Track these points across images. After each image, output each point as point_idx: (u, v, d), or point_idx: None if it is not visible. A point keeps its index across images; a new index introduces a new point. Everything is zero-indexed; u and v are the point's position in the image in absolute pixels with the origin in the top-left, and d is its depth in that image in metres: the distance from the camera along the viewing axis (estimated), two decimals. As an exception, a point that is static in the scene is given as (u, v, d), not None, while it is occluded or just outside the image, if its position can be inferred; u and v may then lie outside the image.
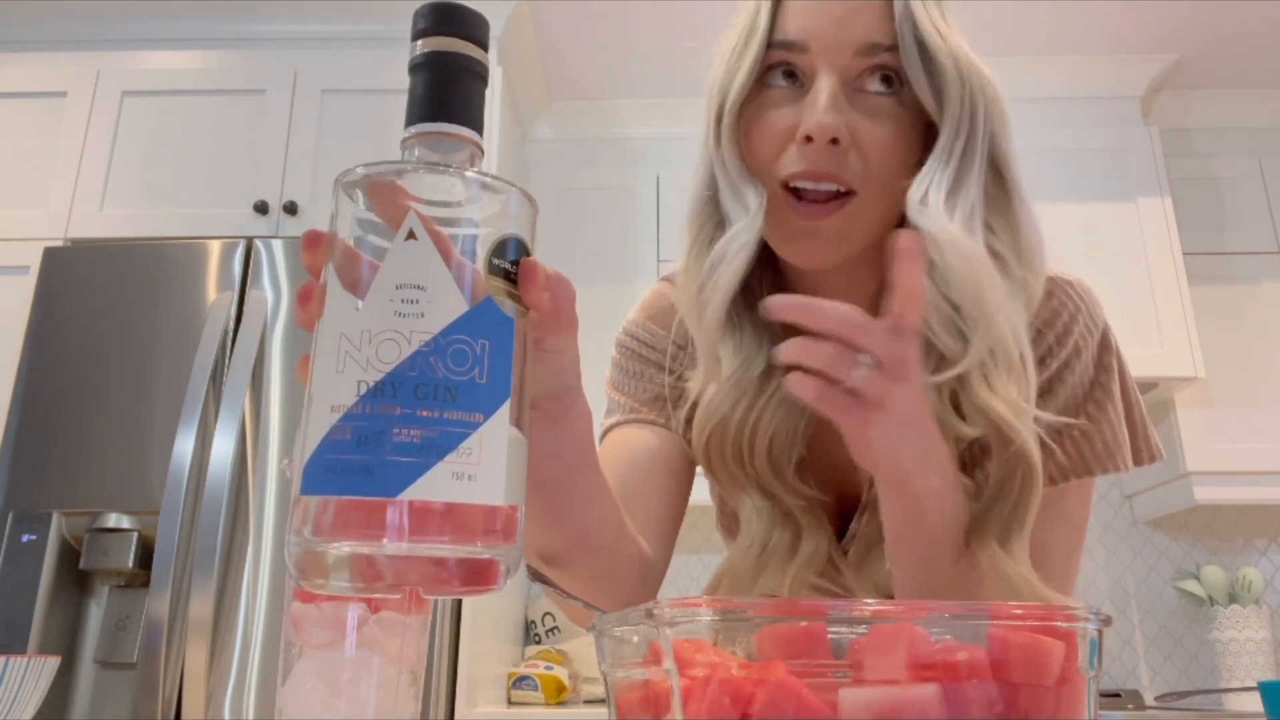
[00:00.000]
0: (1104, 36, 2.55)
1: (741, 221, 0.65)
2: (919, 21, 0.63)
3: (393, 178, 0.42)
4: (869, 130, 0.63)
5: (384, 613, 0.52)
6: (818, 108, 0.62)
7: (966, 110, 0.64)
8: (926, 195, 0.61)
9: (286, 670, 0.52)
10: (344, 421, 0.35)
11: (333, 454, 0.35)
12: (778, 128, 0.65)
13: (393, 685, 0.52)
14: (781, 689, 0.39)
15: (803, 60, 0.64)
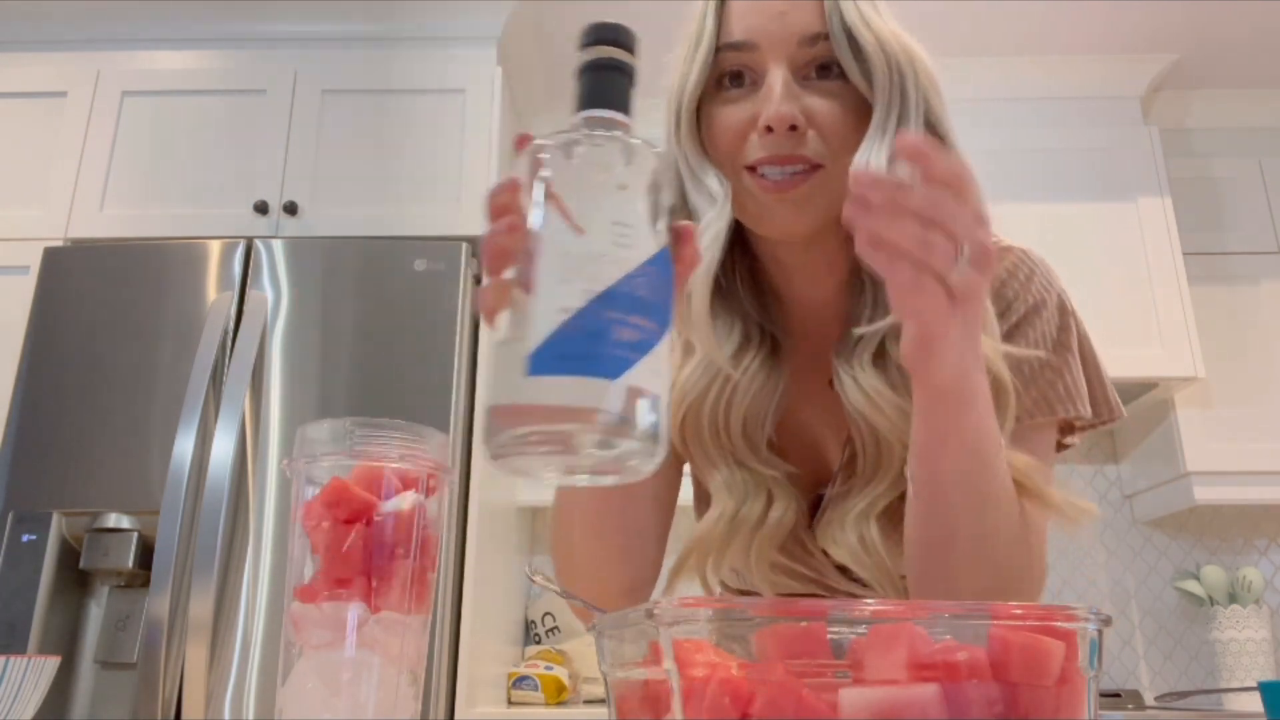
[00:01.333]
0: (1104, 36, 2.55)
1: (711, 211, 0.70)
2: (845, 12, 0.68)
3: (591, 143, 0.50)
4: (822, 110, 0.68)
5: (384, 613, 0.52)
6: (773, 98, 0.67)
7: (896, 87, 0.68)
8: (869, 165, 0.66)
9: (286, 670, 0.52)
10: (575, 320, 0.43)
11: (563, 344, 0.43)
12: (737, 120, 0.70)
13: (393, 685, 0.52)
14: (781, 689, 0.39)
15: (752, 59, 0.70)
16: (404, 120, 2.30)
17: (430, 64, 2.36)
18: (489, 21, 2.39)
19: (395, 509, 0.54)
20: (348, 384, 1.98)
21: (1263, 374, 2.46)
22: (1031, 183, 2.53)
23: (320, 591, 0.52)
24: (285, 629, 0.53)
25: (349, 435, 0.55)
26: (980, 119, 2.62)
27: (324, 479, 0.54)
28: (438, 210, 2.21)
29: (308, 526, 0.54)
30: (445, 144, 2.27)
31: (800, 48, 0.69)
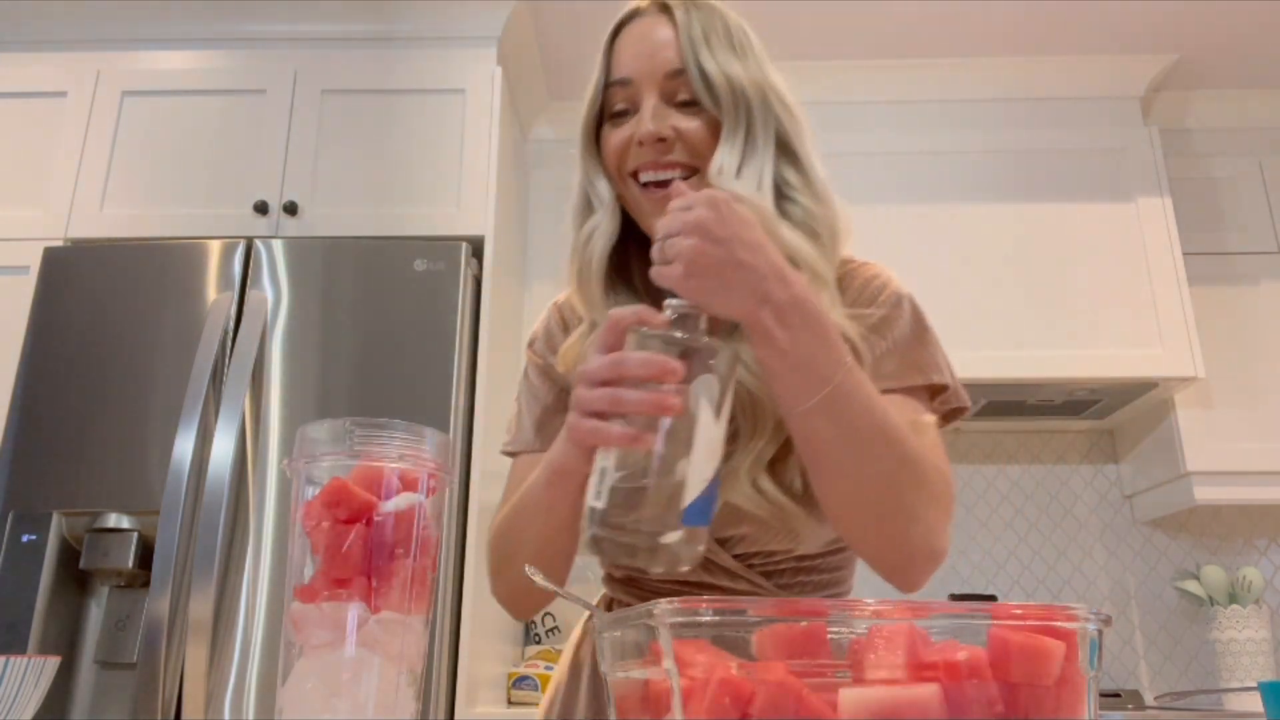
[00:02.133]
0: (1104, 36, 2.55)
1: (599, 213, 0.90)
2: (698, 52, 0.86)
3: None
4: (686, 126, 0.86)
5: (384, 613, 0.52)
6: (644, 119, 0.86)
7: (741, 110, 0.85)
8: (721, 168, 0.83)
9: (286, 670, 0.52)
10: (708, 488, 0.65)
11: (702, 504, 0.65)
12: (620, 139, 0.89)
13: (393, 685, 0.52)
14: (781, 689, 0.39)
15: (631, 91, 0.89)
16: (404, 120, 2.30)
17: (430, 64, 2.36)
18: (489, 21, 2.39)
19: (395, 509, 0.54)
20: (348, 384, 1.98)
21: (1263, 374, 2.46)
22: (1031, 183, 2.52)
23: (320, 591, 0.52)
24: (285, 629, 0.53)
25: (349, 435, 0.55)
26: (980, 119, 2.62)
27: (324, 479, 0.54)
28: (438, 210, 2.21)
29: (308, 526, 0.54)
30: (445, 144, 2.27)
31: (667, 80, 0.87)
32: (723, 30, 0.88)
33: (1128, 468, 2.68)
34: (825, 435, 0.73)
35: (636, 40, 0.90)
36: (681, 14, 0.88)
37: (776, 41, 1.00)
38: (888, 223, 2.48)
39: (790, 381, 0.72)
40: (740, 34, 0.90)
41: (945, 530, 0.80)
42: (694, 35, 0.87)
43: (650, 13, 0.91)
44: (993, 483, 2.72)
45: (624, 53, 0.90)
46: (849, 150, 2.55)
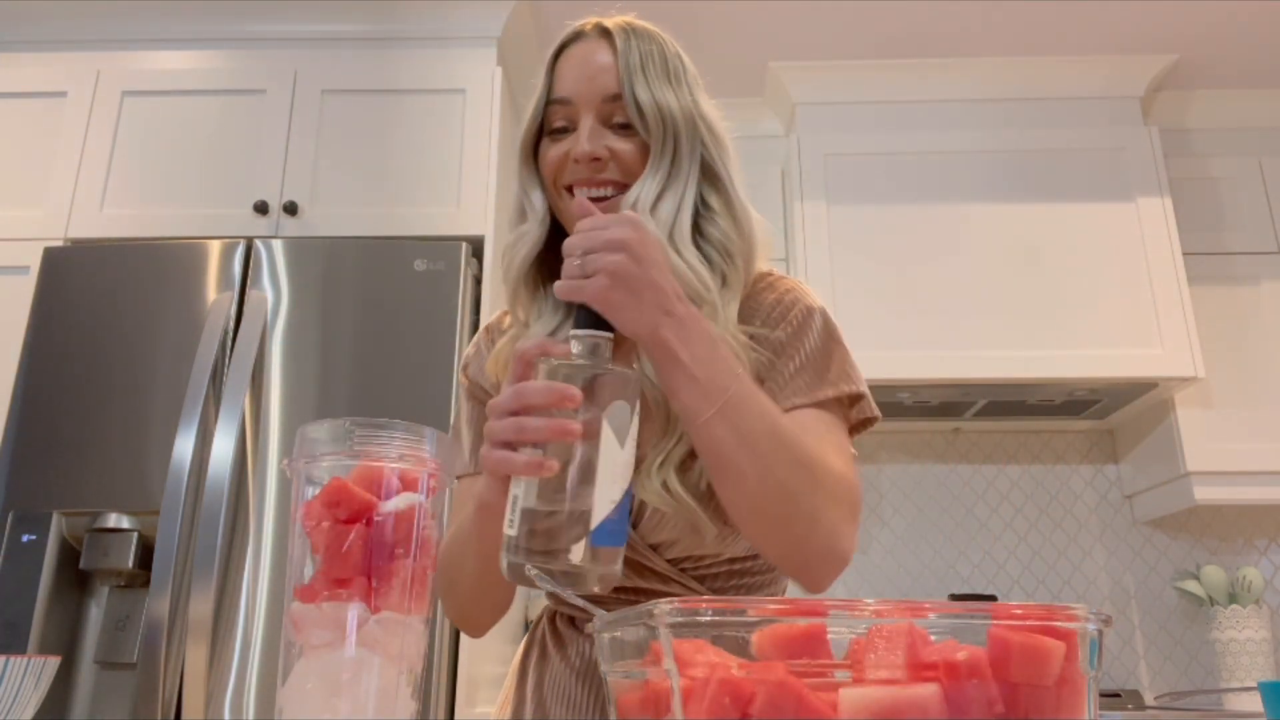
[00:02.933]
0: (1104, 36, 2.55)
1: (530, 221, 0.96)
2: (634, 80, 0.91)
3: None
4: (620, 147, 0.91)
5: (384, 613, 0.52)
6: (581, 139, 0.91)
7: (670, 139, 0.91)
8: (637, 201, 0.89)
9: (286, 670, 0.52)
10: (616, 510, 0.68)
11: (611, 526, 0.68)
12: (557, 154, 0.93)
13: (393, 685, 0.52)
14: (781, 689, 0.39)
15: (570, 110, 0.93)
16: (404, 120, 2.30)
17: (430, 64, 2.36)
18: (489, 21, 2.39)
19: (395, 509, 0.54)
20: (348, 384, 1.98)
21: (1263, 374, 2.46)
22: (1032, 183, 2.53)
23: (320, 591, 0.52)
24: (285, 629, 0.53)
25: (349, 435, 0.55)
26: (980, 119, 2.62)
27: (324, 479, 0.54)
28: (438, 210, 2.21)
29: (308, 526, 0.54)
30: (445, 144, 2.27)
31: (604, 103, 0.92)
32: (659, 59, 0.93)
33: (1128, 468, 2.68)
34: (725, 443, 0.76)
35: (578, 63, 0.94)
36: (621, 42, 0.93)
37: (777, 41, 1.01)
38: (888, 223, 2.48)
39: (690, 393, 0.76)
40: (675, 62, 0.95)
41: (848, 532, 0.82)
42: (631, 63, 0.92)
43: (592, 37, 0.95)
44: (993, 483, 2.72)
45: (565, 74, 0.94)
46: (849, 150, 2.55)
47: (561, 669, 0.97)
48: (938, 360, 2.34)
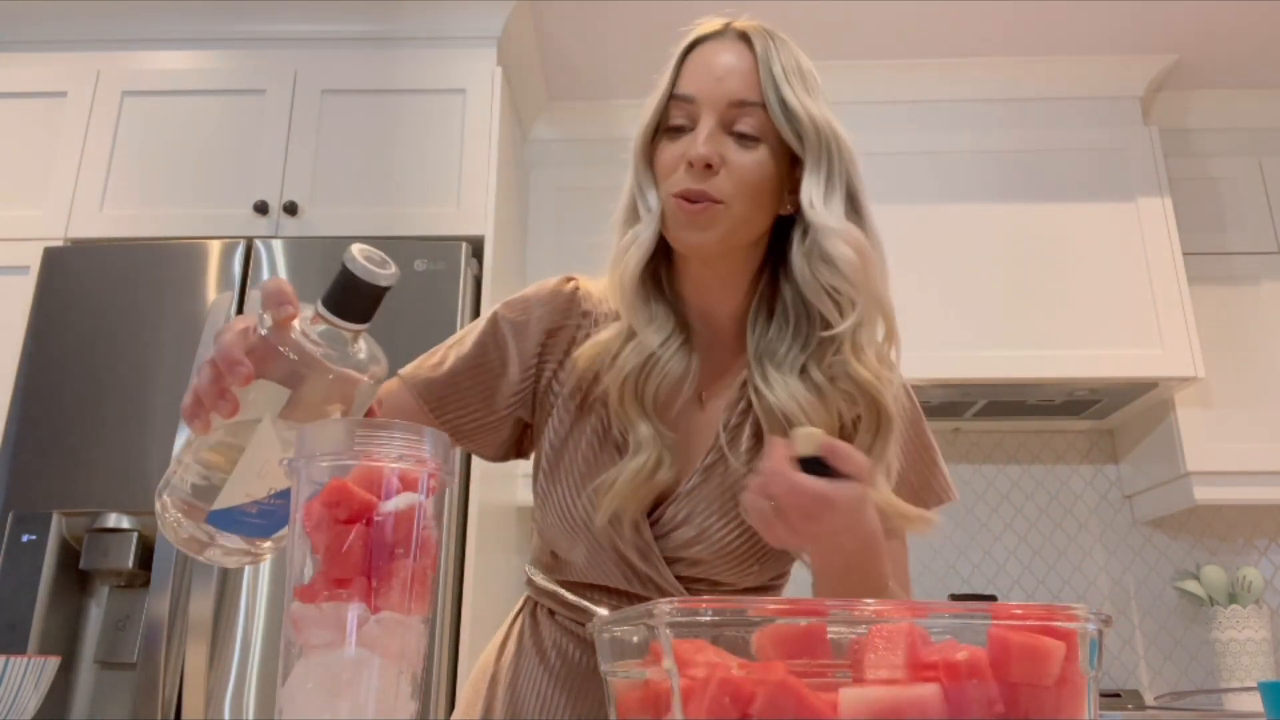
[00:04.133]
0: (1104, 36, 2.55)
1: (645, 219, 0.91)
2: (780, 86, 0.87)
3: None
4: (737, 159, 0.86)
5: (384, 613, 0.52)
6: (698, 142, 0.86)
7: (824, 149, 0.87)
8: (813, 200, 0.85)
9: (286, 670, 0.52)
10: (254, 505, 0.65)
11: (237, 517, 0.65)
12: (673, 156, 0.89)
13: (393, 685, 0.52)
14: (781, 689, 0.39)
15: (692, 109, 0.88)
16: (404, 120, 2.30)
17: (430, 64, 2.36)
18: (489, 21, 2.39)
19: (395, 509, 0.54)
20: (348, 384, 1.97)
21: (1263, 374, 2.46)
22: (1032, 183, 2.53)
23: (320, 591, 0.52)
24: (285, 629, 0.53)
25: (349, 435, 0.55)
26: (980, 119, 2.62)
27: (324, 479, 0.54)
28: (438, 210, 2.21)
29: (308, 526, 0.54)
30: (445, 144, 2.27)
31: (730, 108, 0.87)
32: (798, 70, 0.89)
33: (1128, 468, 2.68)
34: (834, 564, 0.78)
35: (708, 61, 0.90)
36: (761, 46, 0.89)
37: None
38: (887, 223, 2.47)
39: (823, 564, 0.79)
40: (813, 78, 0.91)
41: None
42: (774, 69, 0.88)
43: (728, 37, 0.91)
44: (993, 483, 2.72)
45: (693, 71, 0.90)
46: (849, 150, 2.55)
47: (538, 670, 0.96)
48: (938, 360, 2.34)
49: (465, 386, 0.97)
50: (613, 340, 0.92)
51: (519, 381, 0.96)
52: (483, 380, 0.97)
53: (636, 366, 0.89)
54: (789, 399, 0.86)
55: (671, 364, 0.90)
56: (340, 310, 0.63)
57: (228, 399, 0.62)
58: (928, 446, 0.97)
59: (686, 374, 0.91)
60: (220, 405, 0.62)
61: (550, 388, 0.97)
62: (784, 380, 0.87)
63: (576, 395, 0.94)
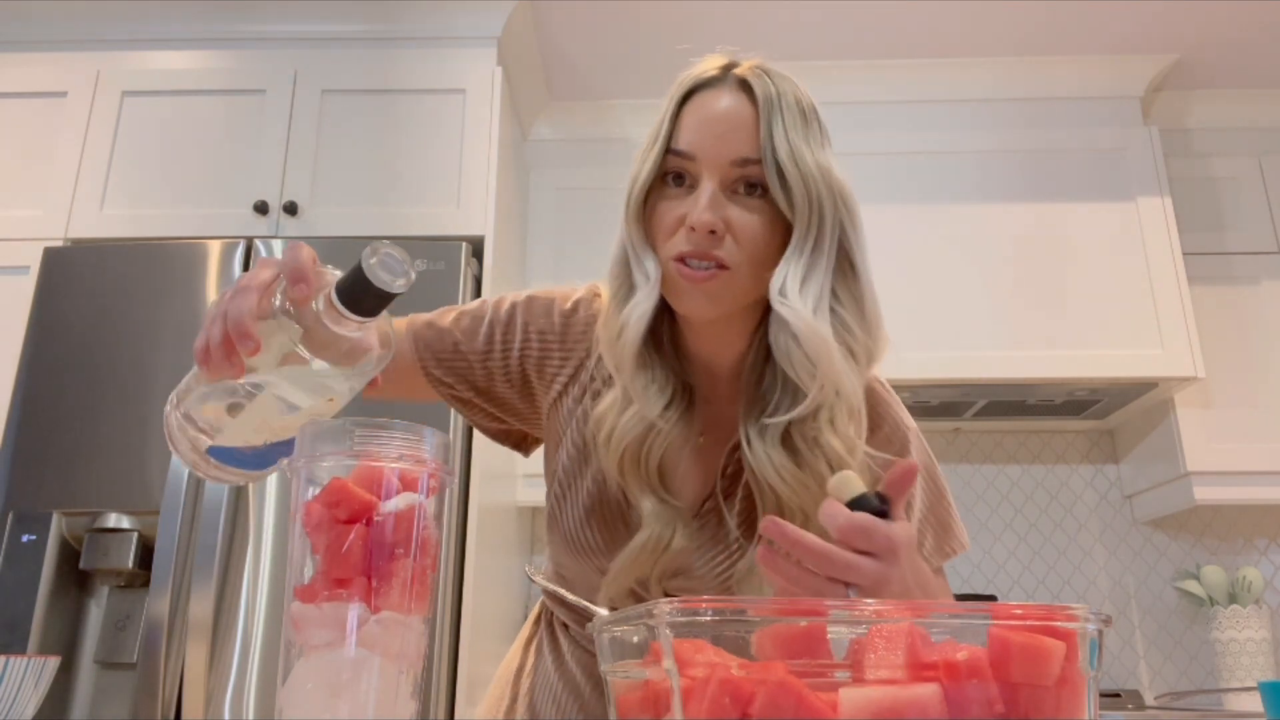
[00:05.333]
0: (1104, 36, 2.55)
1: (643, 289, 0.85)
2: (777, 146, 0.81)
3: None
4: (741, 221, 0.81)
5: (384, 613, 0.52)
6: (700, 206, 0.80)
7: (815, 214, 0.81)
8: (784, 286, 0.80)
9: (286, 670, 0.52)
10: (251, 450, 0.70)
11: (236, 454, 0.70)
12: (672, 216, 0.83)
13: (393, 685, 0.52)
14: (781, 689, 0.39)
15: (691, 166, 0.83)
16: (404, 120, 2.30)
17: (430, 64, 2.36)
18: (489, 21, 2.39)
19: (395, 509, 0.54)
20: (348, 384, 1.97)
21: (1263, 374, 2.46)
22: (1032, 183, 2.53)
23: (320, 591, 0.52)
24: (285, 629, 0.53)
25: (349, 435, 0.55)
26: (980, 119, 2.62)
27: (324, 479, 0.54)
28: (438, 210, 2.21)
29: (308, 526, 0.54)
30: (445, 144, 2.27)
31: (732, 167, 0.82)
32: (798, 115, 0.84)
33: (1128, 468, 2.68)
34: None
35: (709, 115, 0.84)
36: (763, 97, 0.83)
37: (778, 42, 0.99)
38: (888, 223, 2.48)
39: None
40: (813, 117, 0.85)
41: None
42: (774, 124, 0.82)
43: (727, 85, 0.85)
44: (993, 483, 2.72)
45: (692, 124, 0.84)
46: (849, 150, 2.53)
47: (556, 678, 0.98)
48: (938, 360, 2.34)
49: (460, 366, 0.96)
50: (609, 411, 0.88)
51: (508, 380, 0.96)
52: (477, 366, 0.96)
53: (637, 438, 0.85)
54: (768, 464, 0.83)
55: (675, 432, 0.86)
56: (350, 304, 0.65)
57: (234, 364, 0.64)
58: (941, 493, 0.95)
59: (687, 441, 0.88)
60: (226, 368, 0.64)
61: (557, 409, 0.95)
62: (766, 449, 0.84)
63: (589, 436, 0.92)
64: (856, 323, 0.84)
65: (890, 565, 0.63)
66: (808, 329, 0.80)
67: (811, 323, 0.80)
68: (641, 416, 0.85)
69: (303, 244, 0.66)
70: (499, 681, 1.06)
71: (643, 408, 0.85)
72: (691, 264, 0.81)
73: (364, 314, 0.65)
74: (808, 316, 0.80)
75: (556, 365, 0.95)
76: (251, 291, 0.64)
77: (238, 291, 0.64)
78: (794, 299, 0.80)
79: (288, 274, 0.64)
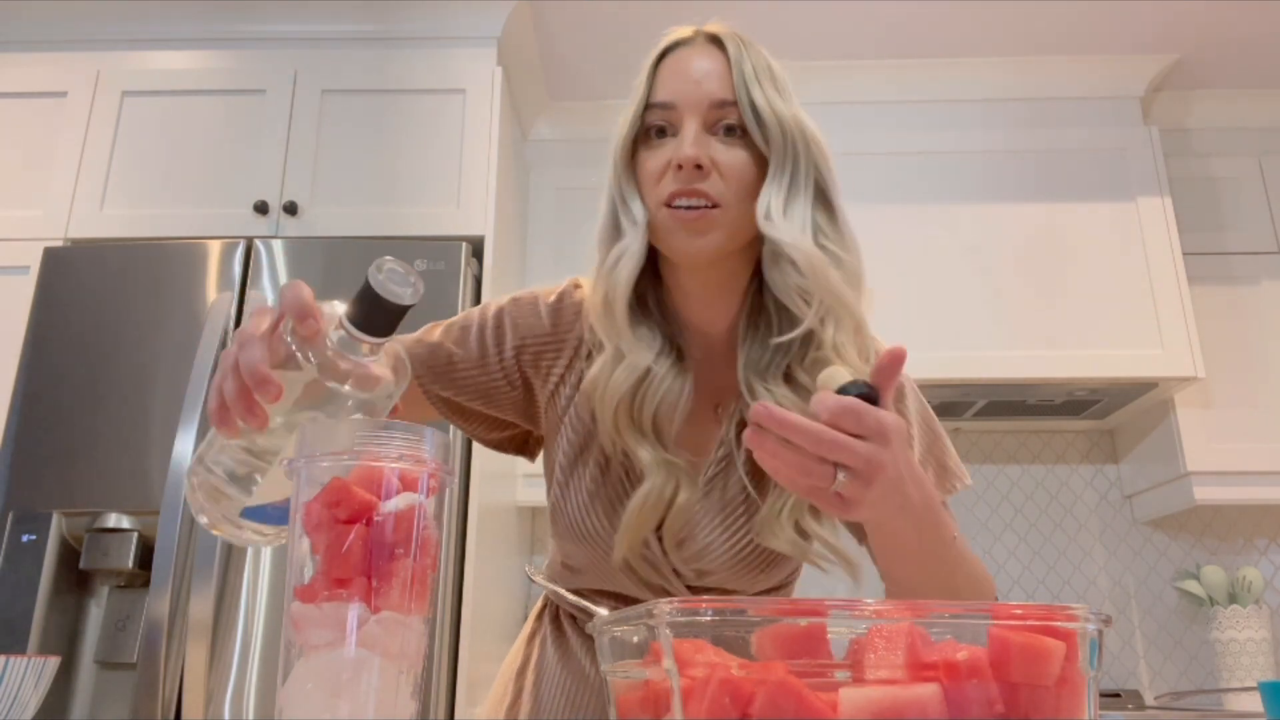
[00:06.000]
0: (1104, 36, 2.55)
1: (630, 232, 0.87)
2: (751, 89, 0.86)
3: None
4: (725, 157, 0.85)
5: (384, 613, 0.52)
6: (685, 143, 0.85)
7: (790, 148, 0.85)
8: (769, 210, 0.84)
9: (286, 670, 0.52)
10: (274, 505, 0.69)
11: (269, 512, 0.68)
12: (658, 162, 0.87)
13: (393, 685, 0.52)
14: (781, 689, 0.39)
15: (672, 115, 0.87)
16: (404, 120, 2.30)
17: (430, 64, 2.36)
18: (489, 21, 2.39)
19: (395, 509, 0.54)
20: (348, 384, 1.97)
21: (1263, 374, 2.46)
22: (1032, 183, 2.53)
23: (320, 591, 0.52)
24: (285, 629, 0.53)
25: (349, 435, 0.55)
26: (980, 119, 2.62)
27: (324, 479, 0.54)
28: (438, 210, 2.21)
29: (308, 526, 0.54)
30: (445, 144, 2.27)
31: (711, 109, 0.86)
32: (768, 70, 0.89)
33: (1128, 468, 2.68)
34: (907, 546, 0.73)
35: (684, 66, 0.89)
36: (734, 48, 0.89)
37: (777, 41, 1.00)
38: (888, 223, 2.48)
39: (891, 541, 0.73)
40: (782, 77, 0.90)
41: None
42: (745, 70, 0.87)
43: (699, 42, 0.91)
44: (993, 483, 2.72)
45: (669, 77, 0.89)
46: (849, 150, 2.55)
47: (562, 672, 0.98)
48: (938, 360, 2.34)
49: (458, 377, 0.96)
50: (601, 370, 0.88)
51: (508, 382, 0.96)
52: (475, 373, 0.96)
53: (630, 389, 0.87)
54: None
55: (666, 382, 0.88)
56: (362, 324, 0.64)
57: (257, 414, 0.62)
58: (938, 435, 0.95)
59: (682, 392, 0.89)
60: (249, 419, 0.62)
61: (554, 401, 0.96)
62: (769, 390, 0.86)
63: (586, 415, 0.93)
64: (839, 247, 0.86)
65: (882, 447, 0.63)
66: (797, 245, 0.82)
67: (800, 239, 0.83)
68: (633, 366, 0.87)
69: (299, 281, 0.65)
70: (501, 679, 1.06)
71: (633, 358, 0.87)
72: (681, 204, 0.84)
73: (379, 333, 0.65)
74: (796, 234, 0.83)
75: (551, 358, 0.96)
76: (256, 341, 0.63)
77: (242, 344, 0.63)
78: (779, 220, 0.83)
79: (292, 313, 0.63)
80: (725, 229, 0.85)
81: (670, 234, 0.86)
